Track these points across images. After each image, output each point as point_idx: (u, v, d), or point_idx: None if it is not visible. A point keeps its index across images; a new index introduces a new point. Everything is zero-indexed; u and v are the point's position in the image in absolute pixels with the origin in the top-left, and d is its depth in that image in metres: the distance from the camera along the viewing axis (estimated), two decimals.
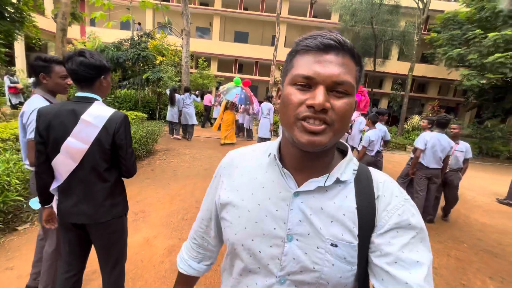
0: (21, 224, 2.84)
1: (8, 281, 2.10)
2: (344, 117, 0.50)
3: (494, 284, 2.82)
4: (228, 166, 0.67)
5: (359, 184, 0.56)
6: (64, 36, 4.44)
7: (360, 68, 0.53)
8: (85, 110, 1.38)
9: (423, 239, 0.52)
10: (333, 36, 0.49)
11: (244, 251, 0.59)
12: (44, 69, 1.66)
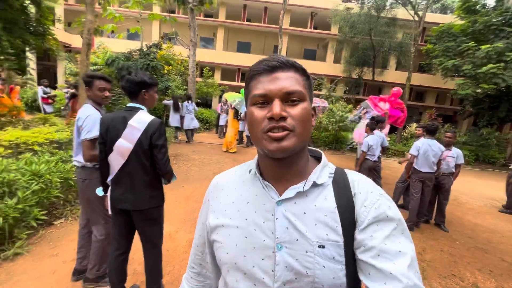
0: (56, 219, 3.17)
1: (55, 266, 2.42)
2: (302, 121, 0.55)
3: (482, 275, 3.12)
4: (214, 189, 0.71)
5: (336, 185, 0.59)
6: (89, 50, 4.86)
7: (306, 78, 0.59)
8: (132, 116, 1.75)
9: (403, 230, 0.54)
10: (276, 58, 0.57)
11: (237, 270, 0.60)
12: (87, 83, 2.03)
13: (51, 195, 2.87)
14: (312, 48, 22.02)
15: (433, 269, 3.11)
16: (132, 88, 1.81)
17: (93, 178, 2.02)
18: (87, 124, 1.89)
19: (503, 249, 3.88)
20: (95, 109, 1.99)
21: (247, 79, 0.61)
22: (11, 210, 2.40)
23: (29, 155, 3.13)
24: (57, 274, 2.31)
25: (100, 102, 2.06)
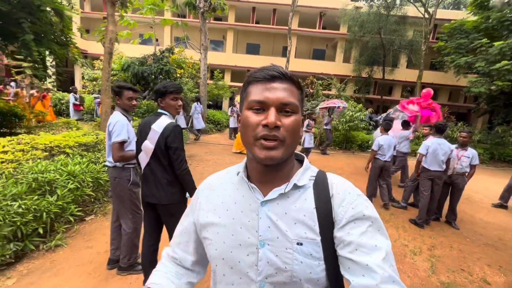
0: (87, 215, 3.46)
1: (91, 256, 2.69)
2: (293, 132, 0.59)
3: (491, 270, 3.20)
4: (206, 189, 0.75)
5: (316, 188, 0.64)
6: (111, 58, 5.19)
7: (301, 91, 0.64)
8: (155, 121, 1.98)
9: (380, 228, 0.58)
10: (276, 68, 0.60)
11: (225, 265, 0.65)
12: (117, 93, 2.28)
13: (84, 193, 3.16)
14: (321, 48, 22.03)
15: (442, 264, 3.22)
16: (154, 97, 2.05)
17: (123, 176, 2.27)
18: (116, 128, 2.14)
19: (509, 241, 3.93)
20: (123, 115, 2.24)
21: (245, 84, 0.65)
22: (52, 206, 2.69)
23: (62, 157, 3.44)
24: (93, 263, 2.58)
25: (128, 110, 2.31)
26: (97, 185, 3.50)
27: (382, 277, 0.51)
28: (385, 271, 0.52)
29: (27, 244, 2.50)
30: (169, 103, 2.02)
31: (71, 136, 4.09)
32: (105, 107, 5.26)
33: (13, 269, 2.38)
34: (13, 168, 2.86)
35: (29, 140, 3.54)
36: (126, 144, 2.26)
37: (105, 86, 5.19)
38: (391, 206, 4.94)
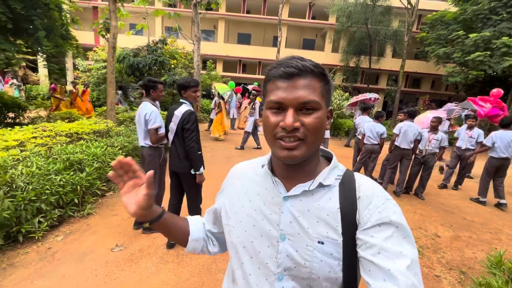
0: (107, 191, 4.01)
1: (118, 221, 3.28)
2: (315, 130, 0.58)
3: (443, 228, 3.96)
4: (232, 177, 0.78)
5: (343, 188, 0.62)
6: (114, 52, 5.60)
7: (325, 82, 0.60)
8: (178, 108, 2.56)
9: (406, 236, 0.55)
10: (294, 63, 0.57)
11: (246, 253, 0.66)
12: (153, 87, 2.82)
13: (105, 171, 3.71)
14: (311, 38, 22.45)
15: None
16: (178, 89, 2.63)
17: (156, 154, 2.85)
18: (152, 117, 2.69)
19: (468, 211, 4.72)
20: (153, 105, 2.79)
21: (264, 81, 0.63)
22: (83, 181, 3.24)
23: (82, 142, 3.95)
24: (121, 226, 3.17)
25: (158, 100, 2.86)
26: None
27: (405, 285, 0.49)
28: (408, 279, 0.49)
29: (67, 211, 3.07)
30: (190, 94, 2.59)
31: (85, 124, 4.58)
32: (110, 97, 5.70)
33: (58, 230, 2.95)
34: (45, 150, 3.37)
35: (52, 127, 4.02)
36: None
37: (110, 78, 5.62)
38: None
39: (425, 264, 2.98)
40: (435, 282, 2.70)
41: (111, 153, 3.92)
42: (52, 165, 2.98)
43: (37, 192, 2.64)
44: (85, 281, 2.25)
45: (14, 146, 3.20)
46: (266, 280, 0.64)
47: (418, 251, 2.63)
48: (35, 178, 2.69)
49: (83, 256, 2.58)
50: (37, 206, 2.68)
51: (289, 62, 0.58)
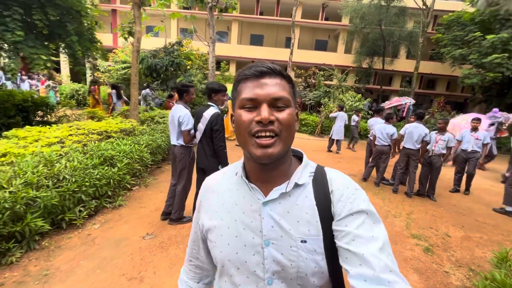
0: (134, 186, 4.33)
1: (146, 213, 3.57)
2: (289, 126, 0.60)
3: (454, 228, 4.06)
4: (206, 192, 0.75)
5: (316, 184, 0.65)
6: (138, 55, 5.94)
7: (292, 85, 0.65)
8: (206, 110, 2.81)
9: (376, 221, 0.59)
10: (265, 64, 0.61)
11: (231, 265, 0.65)
12: (186, 91, 3.09)
13: (134, 167, 4.02)
14: (324, 39, 22.45)
15: (416, 224, 4.08)
16: (209, 92, 2.89)
17: (187, 153, 3.13)
18: (185, 119, 2.95)
19: (480, 213, 4.78)
20: (186, 108, 3.05)
21: (235, 83, 0.64)
22: (115, 176, 3.55)
23: (112, 140, 4.28)
24: (149, 217, 3.46)
25: (190, 102, 3.13)
26: (142, 162, 4.35)
27: (378, 266, 0.52)
28: (381, 260, 0.52)
29: (102, 202, 3.38)
30: (220, 98, 2.86)
31: (112, 123, 4.93)
32: (133, 98, 6.05)
33: (94, 219, 3.27)
34: (81, 146, 3.71)
35: (84, 126, 4.38)
36: None
37: (133, 80, 5.97)
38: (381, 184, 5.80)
39: (435, 261, 3.12)
40: (444, 277, 2.84)
41: (138, 150, 4.23)
42: (90, 160, 3.30)
43: (78, 184, 2.96)
44: (123, 263, 2.54)
45: (55, 142, 3.55)
46: (256, 287, 0.64)
47: (428, 249, 2.77)
48: (77, 171, 3.00)
49: (119, 242, 2.87)
50: (78, 196, 3.00)
51: (260, 64, 0.62)
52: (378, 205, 4.66)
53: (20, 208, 2.33)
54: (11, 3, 4.37)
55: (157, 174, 5.12)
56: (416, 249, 3.34)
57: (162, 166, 5.60)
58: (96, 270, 2.42)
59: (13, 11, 4.36)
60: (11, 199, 2.28)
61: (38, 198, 2.49)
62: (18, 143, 3.28)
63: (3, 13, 4.31)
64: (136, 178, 4.43)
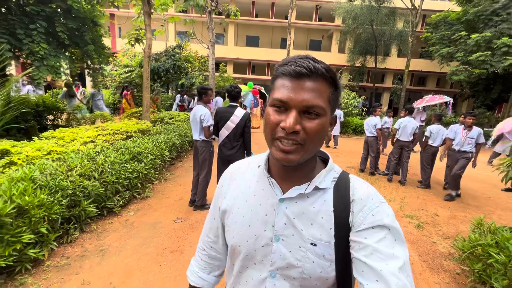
0: (155, 180, 4.77)
1: (171, 202, 4.02)
2: (315, 136, 0.57)
3: (442, 209, 4.60)
4: (228, 178, 0.77)
5: (337, 190, 0.63)
6: (150, 60, 6.37)
7: (334, 89, 0.59)
8: (234, 110, 3.28)
9: (398, 238, 0.56)
10: (306, 63, 0.55)
11: (241, 251, 0.68)
12: (204, 93, 3.56)
13: (156, 163, 4.47)
14: (317, 39, 23.05)
15: (408, 206, 4.61)
16: (237, 96, 3.37)
17: (208, 146, 3.60)
18: (206, 117, 3.43)
19: (465, 197, 5.34)
20: (205, 107, 3.52)
21: (273, 76, 0.62)
22: (143, 170, 3.99)
23: (134, 139, 4.71)
24: (175, 205, 3.92)
25: (208, 103, 3.60)
26: (162, 158, 4.79)
27: (396, 285, 0.50)
28: (400, 280, 0.50)
29: (133, 193, 3.83)
30: (239, 100, 3.33)
31: (130, 124, 5.36)
32: (146, 101, 6.48)
33: (128, 208, 3.71)
34: (109, 145, 4.14)
35: (108, 127, 4.80)
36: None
37: (145, 84, 6.40)
38: (376, 173, 6.34)
39: (425, 235, 3.65)
40: (432, 246, 3.37)
41: (158, 147, 4.67)
42: (122, 156, 3.74)
43: (116, 176, 3.40)
44: (163, 240, 2.99)
45: (88, 142, 3.98)
46: (260, 276, 0.66)
47: (419, 225, 3.34)
48: (114, 165, 3.45)
49: (154, 225, 3.33)
50: (116, 187, 3.44)
51: (301, 61, 0.56)
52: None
53: (79, 194, 2.77)
54: (36, 16, 4.77)
55: (173, 170, 5.56)
56: (409, 226, 3.87)
57: (175, 163, 6.04)
58: (141, 246, 2.88)
59: (38, 24, 4.77)
60: (72, 187, 2.72)
61: (90, 187, 2.93)
62: (58, 143, 3.70)
63: (29, 26, 4.72)
64: (159, 172, 4.87)
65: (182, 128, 6.49)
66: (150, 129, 5.74)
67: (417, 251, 3.22)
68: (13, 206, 2.16)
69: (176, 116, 7.61)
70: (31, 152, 3.24)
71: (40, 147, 3.39)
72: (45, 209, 2.40)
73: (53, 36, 5.36)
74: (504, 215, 4.55)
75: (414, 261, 3.01)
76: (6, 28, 4.70)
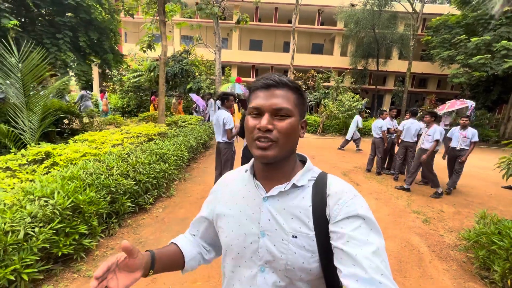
0: (177, 180, 5.05)
1: (193, 200, 4.30)
2: (286, 134, 0.67)
3: (448, 206, 4.87)
4: (222, 184, 0.87)
5: (316, 187, 0.71)
6: (165, 66, 6.69)
7: (298, 95, 0.71)
8: None
9: (373, 228, 0.62)
10: (273, 77, 0.69)
11: (233, 249, 0.75)
12: (226, 98, 3.85)
13: (178, 163, 4.76)
14: (320, 42, 23.42)
15: (415, 203, 4.89)
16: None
17: (229, 147, 3.89)
18: (228, 121, 3.72)
19: (469, 194, 5.62)
20: (227, 112, 3.82)
21: (249, 91, 0.74)
22: (168, 170, 4.28)
23: (157, 141, 5.01)
24: (198, 203, 4.20)
25: (229, 107, 3.90)
26: (182, 159, 5.09)
27: (370, 268, 0.54)
28: (373, 262, 0.55)
29: (160, 191, 4.11)
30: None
31: (149, 128, 5.66)
32: (161, 105, 6.80)
33: (156, 205, 4.00)
34: (134, 147, 4.44)
35: (131, 130, 5.11)
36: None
37: (161, 89, 6.72)
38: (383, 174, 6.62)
39: (432, 228, 3.92)
40: (440, 238, 3.64)
41: (178, 149, 4.97)
42: (150, 157, 4.03)
43: (147, 176, 3.69)
44: None
45: (116, 144, 4.27)
46: (251, 272, 0.72)
47: (426, 220, 3.67)
48: (144, 166, 3.74)
49: (183, 220, 3.61)
50: (146, 186, 3.73)
51: (270, 76, 0.69)
52: (382, 191, 5.47)
53: (119, 191, 3.06)
54: (63, 27, 5.09)
55: (190, 171, 5.85)
56: (417, 221, 4.14)
57: (191, 164, 6.33)
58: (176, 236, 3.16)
59: (64, 34, 5.09)
60: (113, 185, 3.02)
61: (127, 185, 3.22)
62: (91, 145, 4.00)
63: (55, 36, 5.04)
64: (180, 173, 5.17)
65: (196, 131, 6.78)
66: (167, 132, 6.03)
67: (426, 243, 3.49)
68: (70, 202, 2.45)
69: (188, 120, 7.91)
70: (69, 154, 3.54)
71: (77, 150, 3.69)
72: (95, 205, 2.69)
73: (75, 45, 5.69)
74: (506, 211, 4.82)
75: (424, 252, 3.28)
76: (34, 39, 5.01)
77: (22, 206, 2.22)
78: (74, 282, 2.37)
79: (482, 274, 2.82)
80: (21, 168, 3.08)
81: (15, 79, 3.92)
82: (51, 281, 2.33)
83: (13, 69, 3.83)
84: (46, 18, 5.17)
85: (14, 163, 3.07)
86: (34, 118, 3.99)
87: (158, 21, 6.67)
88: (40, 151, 3.38)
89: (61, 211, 2.31)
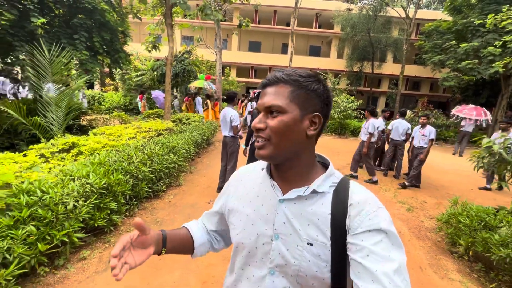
0: (183, 172, 5.49)
1: (201, 189, 4.74)
2: (277, 132, 0.65)
3: (430, 198, 5.37)
4: (236, 179, 0.85)
5: (336, 195, 0.67)
6: (171, 66, 7.12)
7: (296, 89, 0.65)
8: None
9: (395, 243, 0.58)
10: (270, 76, 0.68)
11: (244, 248, 0.74)
12: (233, 98, 4.30)
13: (186, 156, 5.20)
14: (317, 45, 23.99)
15: (401, 195, 5.38)
16: (256, 100, 4.14)
17: (235, 142, 4.34)
18: (235, 118, 4.17)
19: (450, 188, 6.15)
20: (233, 109, 4.27)
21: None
22: (178, 161, 4.72)
23: (166, 136, 5.44)
24: (205, 192, 4.64)
25: (235, 105, 4.35)
26: (189, 154, 5.52)
27: (389, 286, 0.51)
28: (392, 281, 0.52)
29: (171, 180, 4.55)
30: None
31: (157, 123, 6.09)
32: (167, 103, 7.22)
33: (166, 193, 4.43)
34: (147, 140, 4.86)
35: (141, 125, 5.53)
36: None
37: (167, 88, 7.15)
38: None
39: (414, 216, 4.41)
40: (420, 223, 4.14)
41: (186, 143, 5.41)
42: (162, 150, 4.47)
43: (161, 165, 4.12)
44: None
45: (130, 137, 4.69)
46: (260, 273, 0.71)
47: (409, 209, 4.21)
48: (158, 156, 4.17)
49: (193, 205, 4.05)
50: (160, 175, 4.16)
51: (269, 76, 0.69)
52: (372, 185, 5.97)
53: (140, 177, 3.49)
54: (79, 28, 5.49)
55: (194, 164, 6.28)
56: (401, 209, 4.64)
57: (195, 158, 6.76)
58: (188, 219, 3.56)
59: (80, 34, 5.49)
60: (135, 171, 3.45)
61: (146, 172, 3.66)
62: (109, 138, 4.42)
63: (72, 36, 5.43)
64: (188, 164, 5.60)
65: (200, 128, 7.22)
66: (173, 128, 6.46)
67: (407, 226, 3.98)
68: (104, 181, 2.88)
69: (191, 117, 8.33)
70: (92, 145, 3.96)
71: (98, 141, 4.11)
72: (122, 186, 3.12)
73: (88, 45, 6.10)
74: (483, 203, 5.33)
75: (404, 233, 3.77)
76: (53, 39, 5.41)
77: (64, 185, 2.65)
78: (106, 250, 2.80)
79: (452, 250, 3.32)
80: (52, 156, 3.49)
81: (46, 78, 4.35)
82: (87, 249, 2.77)
83: (45, 69, 4.26)
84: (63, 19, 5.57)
85: (47, 151, 3.49)
86: (60, 113, 4.40)
87: (164, 23, 7.09)
88: (67, 141, 3.80)
89: (97, 189, 2.74)
